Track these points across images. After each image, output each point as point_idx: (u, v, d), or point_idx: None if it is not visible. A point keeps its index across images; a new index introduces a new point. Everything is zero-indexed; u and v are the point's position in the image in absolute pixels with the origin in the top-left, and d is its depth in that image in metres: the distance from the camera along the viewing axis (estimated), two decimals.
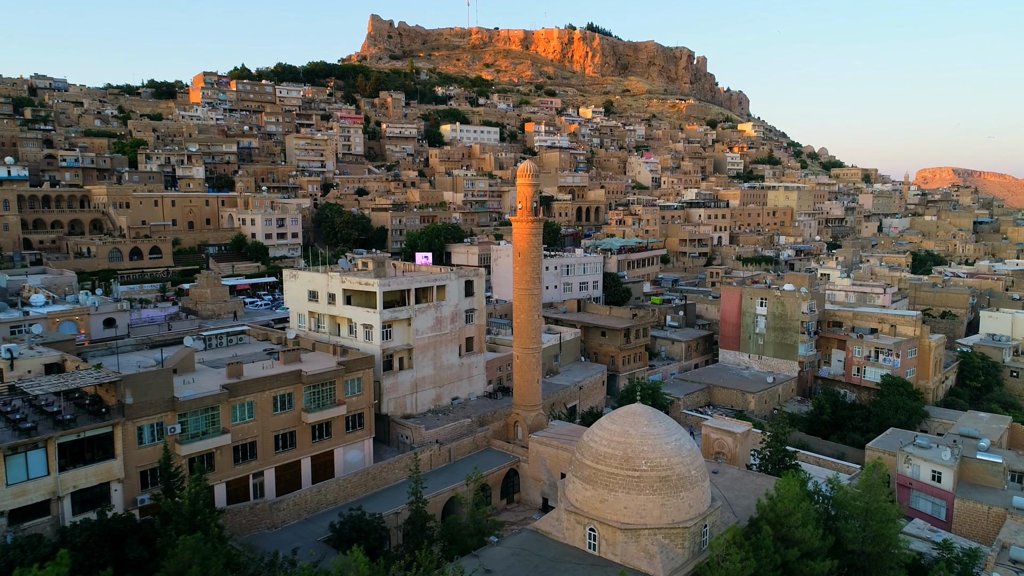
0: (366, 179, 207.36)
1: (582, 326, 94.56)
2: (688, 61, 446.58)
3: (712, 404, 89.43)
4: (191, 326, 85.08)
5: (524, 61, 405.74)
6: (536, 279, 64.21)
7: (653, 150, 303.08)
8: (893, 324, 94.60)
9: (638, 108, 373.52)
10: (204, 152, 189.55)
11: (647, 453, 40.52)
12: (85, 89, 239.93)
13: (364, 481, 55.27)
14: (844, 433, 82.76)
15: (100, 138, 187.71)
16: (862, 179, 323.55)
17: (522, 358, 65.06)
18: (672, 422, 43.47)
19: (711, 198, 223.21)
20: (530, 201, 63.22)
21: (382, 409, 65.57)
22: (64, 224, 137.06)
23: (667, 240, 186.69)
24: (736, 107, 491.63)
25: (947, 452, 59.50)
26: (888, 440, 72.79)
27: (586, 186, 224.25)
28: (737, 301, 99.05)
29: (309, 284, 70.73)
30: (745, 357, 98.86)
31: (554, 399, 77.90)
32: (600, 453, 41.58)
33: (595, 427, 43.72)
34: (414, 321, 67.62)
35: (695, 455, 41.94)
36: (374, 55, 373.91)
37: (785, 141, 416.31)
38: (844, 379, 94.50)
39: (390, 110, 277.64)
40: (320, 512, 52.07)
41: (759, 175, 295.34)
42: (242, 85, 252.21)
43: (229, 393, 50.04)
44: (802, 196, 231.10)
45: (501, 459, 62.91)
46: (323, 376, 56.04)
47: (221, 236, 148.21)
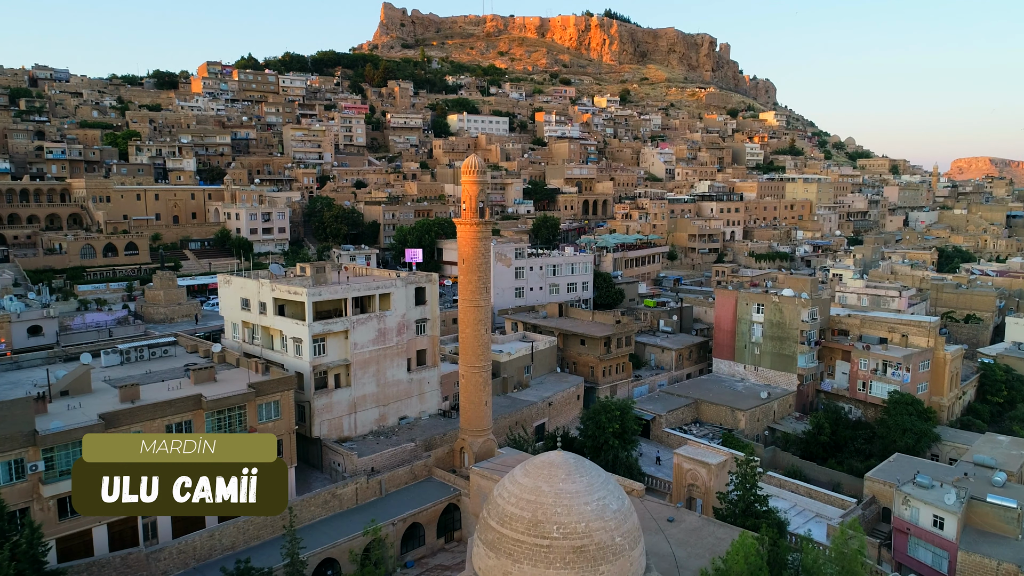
0: (365, 171, 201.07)
1: (560, 333, 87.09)
2: (710, 48, 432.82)
3: (699, 421, 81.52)
4: (136, 331, 79.39)
5: (539, 49, 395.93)
6: (483, 289, 56.93)
7: (669, 140, 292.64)
8: (905, 334, 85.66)
9: (656, 97, 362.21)
10: (197, 144, 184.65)
11: (560, 516, 33.13)
12: (86, 80, 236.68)
13: (272, 521, 48.69)
14: (844, 457, 74.49)
15: (94, 129, 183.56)
16: (889, 170, 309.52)
17: (468, 377, 57.89)
18: (599, 476, 36.00)
19: (725, 190, 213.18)
20: (475, 201, 55.88)
21: (313, 432, 59.01)
22: (41, 219, 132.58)
23: (675, 235, 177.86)
24: (762, 95, 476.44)
25: (951, 494, 51.19)
26: (891, 468, 64.52)
27: (594, 178, 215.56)
28: (732, 306, 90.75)
29: (241, 291, 64.29)
30: (740, 368, 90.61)
31: (518, 417, 70.70)
32: (506, 514, 34.29)
33: (507, 479, 36.40)
34: (352, 333, 60.80)
35: (623, 517, 34.44)
36: (386, 44, 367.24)
37: (811, 131, 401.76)
38: (849, 394, 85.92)
39: (397, 100, 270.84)
40: (214, 559, 45.54)
41: (780, 166, 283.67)
42: (244, 75, 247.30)
43: (106, 424, 43.69)
44: (822, 188, 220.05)
45: (441, 491, 55.96)
46: (228, 401, 49.53)
47: (206, 231, 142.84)
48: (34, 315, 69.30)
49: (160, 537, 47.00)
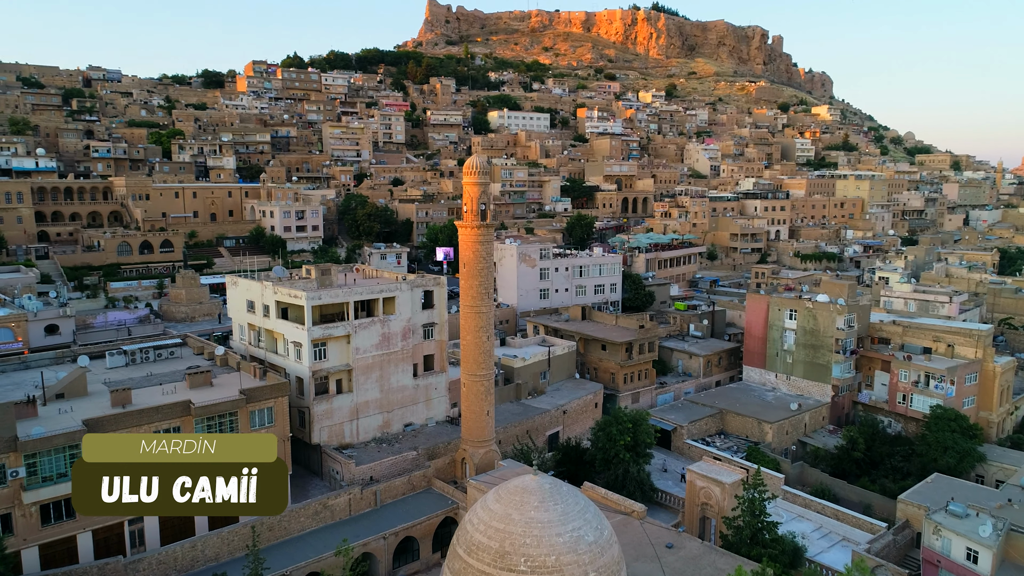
0: (403, 169, 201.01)
1: (581, 338, 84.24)
2: (762, 41, 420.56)
3: (724, 433, 77.68)
4: (154, 330, 79.84)
5: (584, 44, 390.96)
6: (484, 295, 54.72)
7: (716, 136, 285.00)
8: (951, 343, 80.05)
9: (703, 92, 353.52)
10: (237, 142, 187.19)
11: (529, 548, 30.66)
12: (136, 80, 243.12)
13: (260, 531, 47.46)
14: (878, 475, 69.73)
15: (141, 128, 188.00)
16: (950, 166, 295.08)
17: (469, 386, 55.81)
18: (577, 503, 33.28)
19: (770, 188, 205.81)
20: (476, 203, 53.66)
21: (313, 438, 57.79)
22: (83, 216, 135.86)
23: (716, 235, 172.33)
24: (818, 89, 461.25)
25: (987, 525, 46.75)
26: (928, 490, 59.87)
27: (635, 175, 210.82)
28: (763, 311, 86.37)
29: (247, 293, 63.53)
30: (772, 377, 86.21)
31: (529, 425, 68.28)
32: (474, 542, 31.99)
33: (478, 504, 34.11)
34: (354, 338, 59.32)
35: (600, 551, 31.75)
36: (430, 41, 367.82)
37: (867, 125, 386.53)
38: (888, 407, 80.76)
39: (439, 96, 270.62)
40: (197, 570, 44.62)
41: (832, 162, 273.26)
42: (288, 73, 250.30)
43: (89, 430, 43.07)
44: (875, 185, 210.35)
45: (439, 503, 54.05)
46: (218, 407, 48.51)
47: (241, 229, 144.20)
48: (51, 314, 70.13)
49: (148, 545, 46.31)
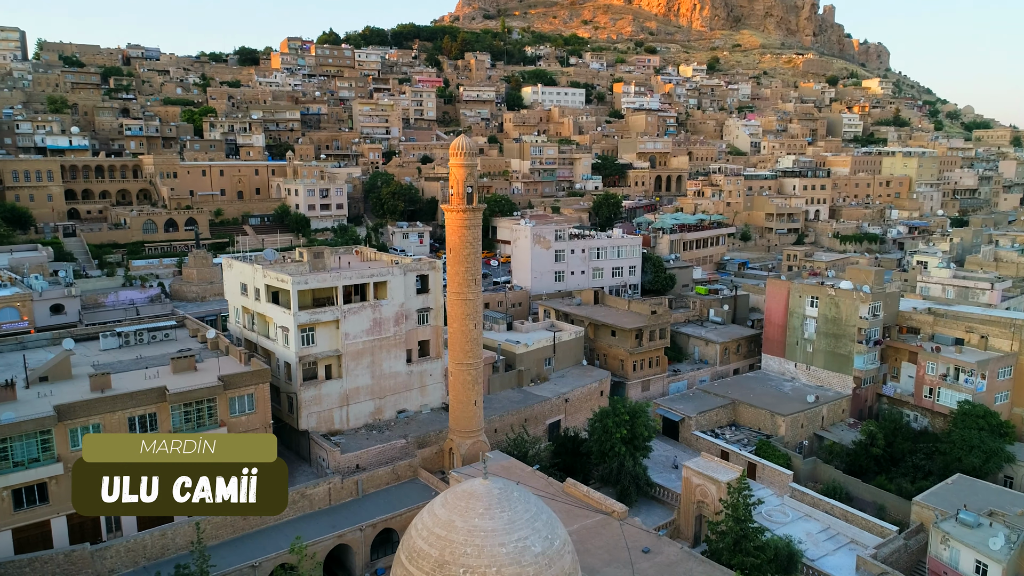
0: (432, 146, 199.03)
1: (590, 323, 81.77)
2: (812, 11, 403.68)
3: (736, 424, 74.61)
4: (163, 310, 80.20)
5: (625, 16, 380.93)
6: (472, 281, 52.76)
7: (758, 111, 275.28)
8: (985, 335, 75.13)
9: (748, 65, 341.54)
10: (268, 119, 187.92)
11: (469, 558, 28.90)
12: (174, 57, 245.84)
13: (231, 520, 46.94)
14: (897, 473, 66.04)
15: (175, 106, 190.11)
16: (1010, 142, 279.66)
17: (456, 375, 54.16)
18: (528, 511, 31.22)
19: (811, 165, 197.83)
20: (463, 186, 51.52)
21: (300, 425, 57.07)
22: (112, 194, 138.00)
23: (752, 214, 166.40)
24: (873, 61, 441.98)
25: (999, 537, 43.33)
26: (947, 492, 56.28)
27: (669, 152, 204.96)
28: (784, 298, 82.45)
29: (240, 276, 62.87)
30: (791, 366, 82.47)
31: (528, 414, 66.46)
32: (415, 549, 30.37)
33: (426, 509, 32.38)
34: (344, 323, 58.15)
35: (547, 563, 29.76)
36: (467, 15, 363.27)
37: (922, 99, 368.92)
38: (914, 400, 76.44)
39: (473, 72, 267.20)
40: (167, 558, 44.28)
41: (881, 138, 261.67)
42: (321, 50, 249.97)
43: (59, 416, 42.83)
44: (924, 163, 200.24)
45: (423, 495, 52.71)
46: (195, 394, 47.87)
47: (267, 207, 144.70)
48: (56, 293, 70.78)
49: (124, 531, 46.26)
